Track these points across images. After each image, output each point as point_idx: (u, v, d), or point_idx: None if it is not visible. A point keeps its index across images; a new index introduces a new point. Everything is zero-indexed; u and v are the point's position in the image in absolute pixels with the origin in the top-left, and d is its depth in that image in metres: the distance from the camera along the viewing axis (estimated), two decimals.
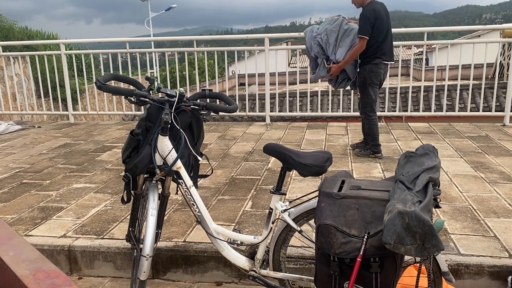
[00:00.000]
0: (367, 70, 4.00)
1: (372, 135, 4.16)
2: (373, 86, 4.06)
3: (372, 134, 4.15)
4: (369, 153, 4.16)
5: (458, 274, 2.19)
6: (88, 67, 10.59)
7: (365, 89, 4.07)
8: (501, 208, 2.84)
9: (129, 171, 1.98)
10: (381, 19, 3.92)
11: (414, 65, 13.98)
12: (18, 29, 11.72)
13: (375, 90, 4.09)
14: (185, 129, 2.01)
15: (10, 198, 3.31)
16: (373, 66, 3.99)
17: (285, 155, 1.83)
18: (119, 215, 2.93)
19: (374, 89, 4.07)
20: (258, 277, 2.00)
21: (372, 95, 4.08)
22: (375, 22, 3.89)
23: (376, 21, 3.89)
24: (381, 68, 4.02)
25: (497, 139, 4.70)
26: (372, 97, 4.09)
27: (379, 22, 3.91)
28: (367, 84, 4.04)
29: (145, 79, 2.06)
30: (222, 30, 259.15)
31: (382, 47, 3.96)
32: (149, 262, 1.93)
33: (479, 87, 7.50)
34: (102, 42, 6.88)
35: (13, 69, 8.52)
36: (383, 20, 3.94)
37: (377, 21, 3.90)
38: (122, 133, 5.60)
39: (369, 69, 3.99)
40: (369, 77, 4.01)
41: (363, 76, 4.03)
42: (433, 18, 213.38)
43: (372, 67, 3.99)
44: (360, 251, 1.50)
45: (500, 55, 11.82)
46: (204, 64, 6.72)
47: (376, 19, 3.88)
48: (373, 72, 4.00)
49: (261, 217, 2.81)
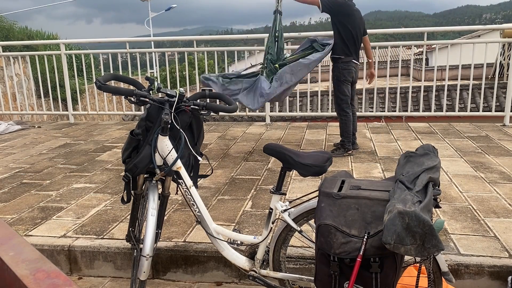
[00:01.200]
0: (340, 68, 4.18)
1: (346, 131, 4.26)
2: (346, 83, 4.21)
3: (347, 131, 4.26)
4: (343, 152, 4.23)
5: (458, 274, 2.19)
6: (88, 67, 10.59)
7: (339, 86, 4.23)
8: (501, 208, 2.84)
9: (129, 171, 1.98)
10: (354, 18, 4.15)
11: (414, 65, 13.97)
12: (18, 29, 11.72)
13: (348, 87, 4.24)
14: (185, 129, 2.01)
15: (10, 198, 3.31)
16: (344, 64, 4.16)
17: (285, 155, 1.83)
18: (119, 215, 2.93)
19: (347, 86, 4.23)
20: (258, 277, 2.00)
21: (347, 92, 4.23)
22: (343, 11, 4.11)
23: (348, 16, 4.12)
24: (352, 66, 4.19)
25: (497, 139, 4.70)
26: (347, 94, 4.24)
27: (351, 20, 4.13)
28: (341, 82, 4.20)
29: (145, 79, 2.06)
30: (222, 30, 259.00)
31: (350, 46, 4.14)
32: (149, 262, 1.93)
33: (479, 87, 7.50)
34: (102, 42, 6.88)
35: (13, 69, 8.52)
36: (355, 20, 4.16)
37: (349, 18, 4.12)
38: (122, 133, 5.60)
39: (341, 67, 4.18)
40: (342, 74, 4.18)
41: (337, 73, 4.22)
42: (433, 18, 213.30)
43: (343, 65, 4.16)
44: (360, 251, 1.50)
45: (500, 55, 11.82)
46: (204, 64, 6.72)
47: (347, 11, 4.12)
48: (345, 70, 4.17)
49: (261, 217, 2.81)
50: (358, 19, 4.22)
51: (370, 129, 5.42)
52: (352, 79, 4.26)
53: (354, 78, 4.28)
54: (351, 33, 4.13)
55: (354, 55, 4.20)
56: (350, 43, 4.15)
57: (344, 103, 4.26)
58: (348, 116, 4.27)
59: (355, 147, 4.43)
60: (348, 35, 4.13)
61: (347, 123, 4.27)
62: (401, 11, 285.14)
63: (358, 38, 4.22)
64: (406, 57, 18.80)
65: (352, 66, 4.20)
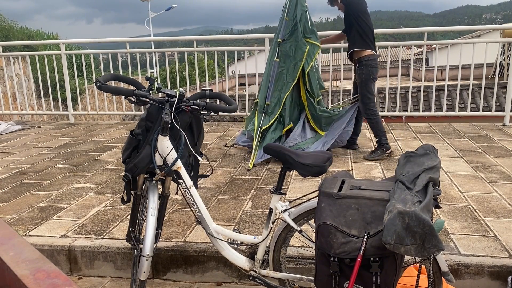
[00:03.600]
0: (369, 66, 4.01)
1: (380, 130, 4.08)
2: (374, 81, 4.07)
3: (381, 130, 4.08)
4: (382, 152, 4.05)
5: (458, 274, 2.19)
6: (88, 67, 10.59)
7: (367, 85, 4.05)
8: (501, 208, 2.84)
9: (129, 171, 1.98)
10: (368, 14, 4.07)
11: (414, 65, 13.97)
12: (18, 29, 11.71)
13: (375, 85, 4.12)
14: (185, 129, 2.01)
15: (10, 198, 3.31)
16: (373, 61, 4.02)
17: (285, 155, 1.83)
18: (119, 215, 2.93)
19: (374, 84, 4.10)
20: (258, 277, 2.00)
21: (374, 90, 4.10)
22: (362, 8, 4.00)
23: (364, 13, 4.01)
24: (377, 62, 4.09)
25: (497, 139, 4.70)
26: (374, 93, 4.11)
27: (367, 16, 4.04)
28: (370, 80, 4.03)
29: (145, 79, 2.06)
30: (222, 30, 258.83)
31: (373, 41, 4.05)
32: (149, 262, 1.93)
33: (479, 87, 7.50)
34: (102, 42, 6.88)
35: (13, 69, 8.52)
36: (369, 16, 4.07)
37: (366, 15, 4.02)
38: (122, 133, 5.60)
39: (370, 64, 4.01)
40: (371, 72, 4.01)
41: (365, 72, 4.02)
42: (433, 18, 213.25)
43: (372, 62, 4.01)
44: (360, 251, 1.50)
45: (500, 55, 11.83)
46: (204, 64, 6.72)
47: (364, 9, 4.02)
48: (374, 68, 4.02)
49: (261, 217, 2.81)
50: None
51: (370, 129, 5.41)
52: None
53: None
54: (370, 28, 4.03)
55: (375, 48, 4.11)
56: (372, 38, 4.05)
57: (372, 102, 4.11)
58: (376, 114, 4.11)
59: (355, 147, 4.40)
60: (368, 30, 4.02)
61: (378, 121, 4.10)
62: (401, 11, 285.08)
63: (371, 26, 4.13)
64: (406, 57, 18.80)
65: (378, 62, 4.12)
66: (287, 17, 4.24)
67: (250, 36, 6.68)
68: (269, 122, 4.11)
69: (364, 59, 4.02)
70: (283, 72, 4.19)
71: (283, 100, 4.15)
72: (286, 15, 4.25)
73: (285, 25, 4.24)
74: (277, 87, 4.18)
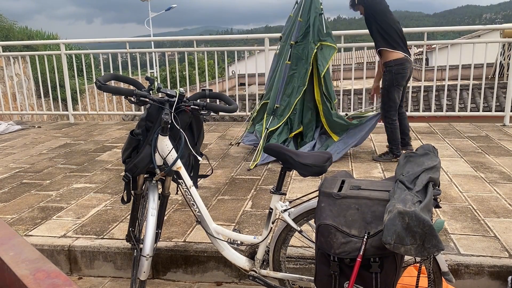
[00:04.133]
0: (393, 72, 3.76)
1: (394, 139, 3.95)
2: (398, 88, 3.83)
3: (395, 138, 3.95)
4: (392, 157, 3.97)
5: (458, 274, 2.19)
6: (88, 67, 10.58)
7: (390, 92, 3.84)
8: (501, 208, 2.84)
9: (129, 171, 1.98)
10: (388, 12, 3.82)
11: (414, 65, 13.97)
12: (18, 29, 11.71)
13: (399, 92, 3.86)
14: (185, 129, 2.01)
15: (10, 198, 3.31)
16: (399, 66, 3.75)
17: (285, 155, 1.83)
18: (119, 215, 2.93)
19: (399, 91, 3.85)
20: (258, 277, 2.00)
21: (397, 98, 3.86)
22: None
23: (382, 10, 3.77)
24: (407, 67, 3.79)
25: (497, 139, 4.70)
26: (397, 100, 3.87)
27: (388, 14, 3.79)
28: (394, 87, 3.80)
29: (145, 79, 2.06)
30: (222, 30, 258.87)
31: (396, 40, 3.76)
32: (149, 262, 1.93)
33: (479, 87, 7.50)
34: (102, 42, 6.88)
35: (13, 69, 8.52)
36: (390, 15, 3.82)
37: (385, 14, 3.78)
38: (122, 133, 5.60)
39: (394, 71, 3.76)
40: (395, 79, 3.77)
41: (389, 77, 3.80)
42: (433, 18, 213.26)
43: (397, 68, 3.75)
44: (360, 251, 1.50)
45: (500, 55, 11.83)
46: (204, 64, 6.72)
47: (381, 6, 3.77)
48: (399, 74, 3.77)
49: (261, 217, 2.81)
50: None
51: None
52: (406, 82, 3.89)
53: (407, 81, 3.90)
54: (393, 27, 3.76)
55: (406, 50, 3.79)
56: (398, 38, 3.76)
57: (393, 110, 3.89)
58: (394, 124, 3.91)
59: (409, 148, 4.09)
60: (390, 29, 3.75)
61: (394, 131, 3.92)
62: (401, 11, 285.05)
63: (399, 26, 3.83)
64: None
65: (407, 67, 3.78)
66: (301, 18, 4.13)
67: (250, 36, 6.68)
68: (277, 125, 4.07)
69: (390, 64, 3.78)
70: (294, 76, 4.12)
71: (293, 105, 4.09)
72: (300, 16, 4.14)
73: (299, 27, 4.13)
74: (287, 91, 4.11)
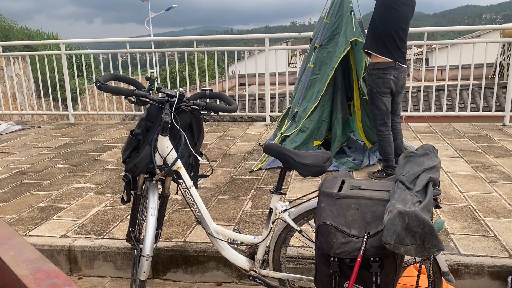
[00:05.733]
0: (373, 76, 3.39)
1: (384, 154, 3.50)
2: (381, 95, 3.40)
3: (385, 153, 3.49)
4: (383, 175, 3.50)
5: (458, 274, 2.19)
6: (88, 67, 10.58)
7: (373, 99, 3.47)
8: (501, 208, 2.84)
9: (129, 171, 1.98)
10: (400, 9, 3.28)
11: (414, 65, 13.98)
12: (18, 29, 11.71)
13: (385, 100, 3.42)
14: (185, 129, 2.01)
15: (10, 198, 3.31)
16: (380, 71, 3.35)
17: (285, 155, 1.83)
18: (119, 215, 2.93)
19: (383, 99, 3.41)
20: (258, 277, 2.00)
21: (383, 106, 3.42)
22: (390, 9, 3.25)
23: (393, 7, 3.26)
24: (391, 74, 3.35)
25: (497, 139, 4.70)
26: (383, 108, 3.43)
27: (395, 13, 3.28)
28: (374, 93, 3.43)
29: (145, 79, 2.06)
30: (222, 30, 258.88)
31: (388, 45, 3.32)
32: (149, 262, 1.93)
33: (479, 87, 7.50)
34: (102, 42, 6.89)
35: (13, 69, 8.52)
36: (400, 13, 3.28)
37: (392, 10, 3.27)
38: (122, 133, 5.60)
39: (375, 75, 3.38)
40: (375, 85, 3.39)
41: (369, 83, 3.46)
42: (433, 18, 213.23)
43: (378, 72, 3.36)
44: (360, 251, 1.50)
45: (500, 55, 11.83)
46: (204, 64, 6.73)
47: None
48: (380, 79, 3.36)
49: (261, 217, 2.81)
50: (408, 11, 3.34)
51: None
52: (392, 90, 3.42)
53: (395, 89, 3.42)
54: (389, 29, 3.29)
55: (396, 56, 3.33)
56: (388, 40, 3.30)
57: (378, 119, 3.46)
58: (382, 136, 3.47)
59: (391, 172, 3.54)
60: (386, 31, 3.29)
61: (383, 144, 3.48)
62: None
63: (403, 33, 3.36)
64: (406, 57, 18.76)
65: (391, 74, 3.34)
66: (328, 20, 3.88)
67: (250, 36, 6.68)
68: (293, 130, 3.88)
69: (371, 67, 3.43)
70: (316, 80, 3.89)
71: (310, 111, 3.85)
72: (327, 17, 3.89)
73: (325, 29, 3.88)
74: (307, 96, 3.91)
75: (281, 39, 17.50)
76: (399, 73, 3.39)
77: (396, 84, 3.40)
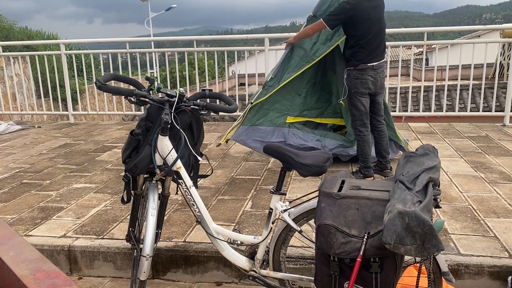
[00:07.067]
0: (351, 76, 3.39)
1: (362, 154, 3.49)
2: (359, 96, 3.40)
3: (363, 154, 3.49)
4: (359, 176, 3.47)
5: (458, 274, 2.19)
6: (88, 67, 10.58)
7: (351, 99, 3.46)
8: (501, 208, 2.84)
9: (129, 171, 1.98)
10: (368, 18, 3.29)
11: (414, 65, 13.97)
12: (18, 29, 11.71)
13: (363, 100, 3.41)
14: (185, 129, 2.01)
15: (10, 198, 3.31)
16: (358, 72, 3.35)
17: (285, 155, 1.83)
18: (119, 215, 2.93)
19: (361, 99, 3.40)
20: (258, 277, 2.00)
21: (361, 106, 3.41)
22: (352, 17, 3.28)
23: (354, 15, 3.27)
24: (369, 74, 3.36)
25: (497, 139, 4.70)
26: (361, 108, 3.42)
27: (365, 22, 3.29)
28: (352, 93, 3.42)
29: (145, 79, 2.06)
30: (222, 30, 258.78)
31: (366, 48, 3.32)
32: (149, 262, 1.93)
33: (479, 87, 7.50)
34: (102, 42, 6.89)
35: (13, 69, 8.52)
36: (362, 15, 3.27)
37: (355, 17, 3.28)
38: (122, 133, 5.60)
39: (353, 75, 3.38)
40: (353, 85, 3.39)
41: (347, 83, 3.43)
42: (433, 18, 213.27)
43: (356, 73, 3.36)
44: (360, 251, 1.50)
45: (500, 55, 11.82)
46: (204, 64, 6.73)
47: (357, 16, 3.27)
48: (358, 79, 3.36)
49: (261, 217, 2.81)
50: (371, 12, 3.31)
51: None
52: (370, 90, 3.41)
53: (373, 90, 3.42)
54: (365, 35, 3.31)
55: (372, 57, 3.35)
56: (365, 43, 3.32)
57: (357, 120, 3.45)
58: (362, 136, 3.46)
59: (387, 174, 3.59)
60: (361, 36, 3.32)
61: (361, 144, 3.47)
62: (401, 11, 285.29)
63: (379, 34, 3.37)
64: (406, 57, 18.80)
65: (369, 74, 3.35)
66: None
67: (250, 36, 6.69)
68: (263, 97, 3.73)
69: (348, 67, 3.43)
70: (300, 50, 3.72)
71: (286, 81, 3.70)
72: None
73: (321, 1, 3.74)
74: (286, 64, 3.75)
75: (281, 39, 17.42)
76: (377, 73, 3.40)
77: (374, 85, 3.42)
